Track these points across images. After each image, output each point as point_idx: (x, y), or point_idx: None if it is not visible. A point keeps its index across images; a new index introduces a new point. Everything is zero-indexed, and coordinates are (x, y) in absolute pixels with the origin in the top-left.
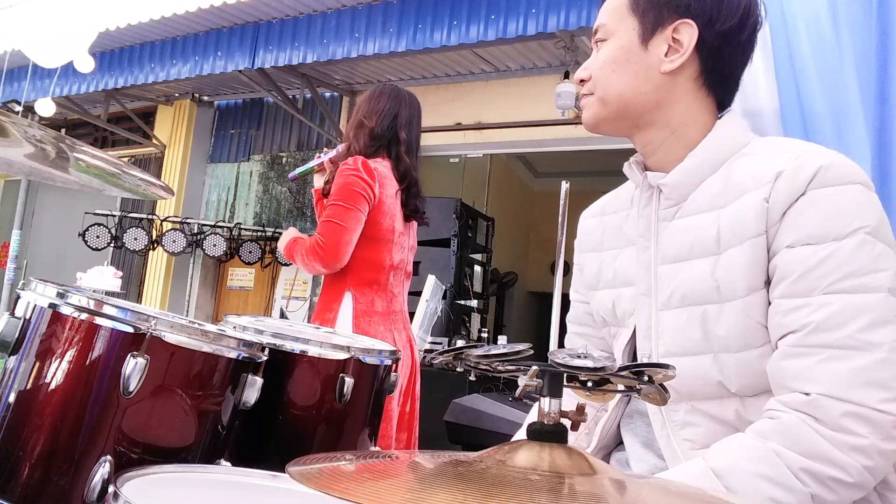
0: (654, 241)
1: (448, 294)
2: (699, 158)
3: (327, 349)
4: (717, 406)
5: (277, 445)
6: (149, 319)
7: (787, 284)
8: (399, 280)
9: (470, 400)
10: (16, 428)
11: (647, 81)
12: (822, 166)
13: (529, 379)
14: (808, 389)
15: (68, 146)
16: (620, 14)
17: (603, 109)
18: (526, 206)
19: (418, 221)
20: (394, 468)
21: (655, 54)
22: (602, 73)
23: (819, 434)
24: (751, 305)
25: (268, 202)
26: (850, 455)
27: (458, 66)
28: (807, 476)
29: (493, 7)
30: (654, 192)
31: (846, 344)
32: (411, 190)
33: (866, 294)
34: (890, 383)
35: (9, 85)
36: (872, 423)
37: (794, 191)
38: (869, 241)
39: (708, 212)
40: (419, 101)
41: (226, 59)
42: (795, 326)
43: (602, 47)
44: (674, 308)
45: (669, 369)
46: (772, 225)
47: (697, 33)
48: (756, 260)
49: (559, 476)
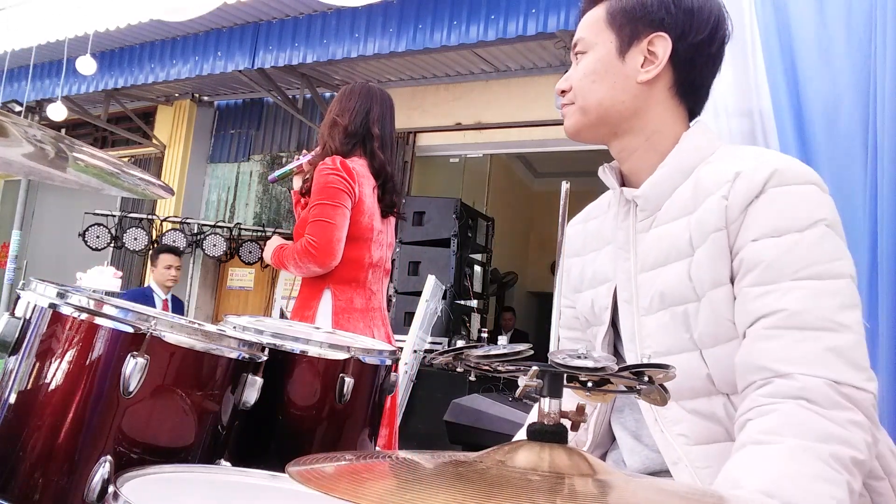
0: (633, 253)
1: (448, 294)
2: (669, 168)
3: (327, 349)
4: (706, 403)
5: (277, 445)
6: (149, 319)
7: (754, 275)
8: (378, 277)
9: (470, 400)
10: (16, 428)
11: (624, 91)
12: (778, 168)
13: (529, 379)
14: (786, 370)
15: (67, 146)
16: (598, 28)
17: (584, 118)
18: (526, 206)
19: (395, 217)
20: (394, 468)
21: (632, 65)
22: (582, 83)
23: (821, 416)
24: (715, 301)
25: (268, 202)
26: (854, 431)
27: (458, 66)
28: (836, 462)
29: (493, 7)
30: (631, 206)
31: (819, 325)
32: (387, 185)
33: (833, 280)
34: (862, 362)
35: (9, 85)
36: (856, 401)
37: (752, 190)
38: (829, 233)
39: (680, 218)
40: (391, 98)
41: (226, 59)
42: (766, 311)
43: (582, 59)
44: (656, 311)
45: (670, 369)
46: (731, 222)
47: (671, 45)
48: (717, 254)
49: (559, 476)
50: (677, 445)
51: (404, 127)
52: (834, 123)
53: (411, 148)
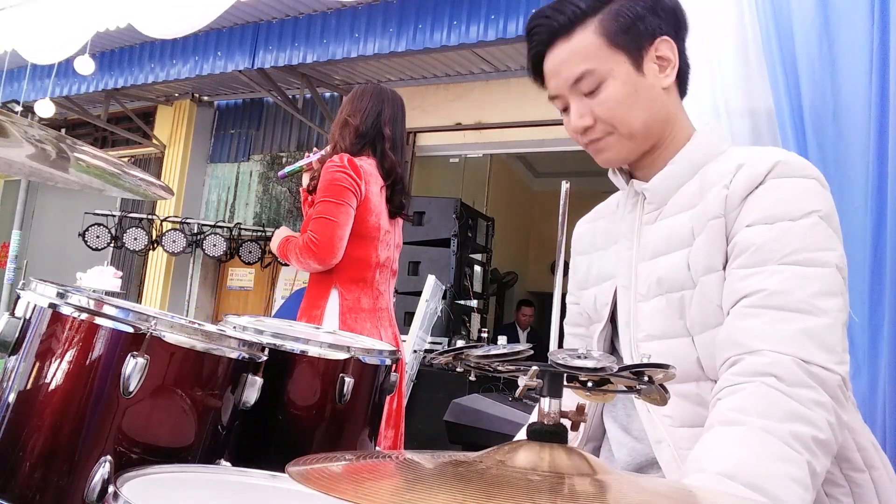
0: (636, 242)
1: (448, 294)
2: (679, 164)
3: (327, 349)
4: (695, 387)
5: (277, 445)
6: (149, 319)
7: (743, 258)
8: (385, 277)
9: (470, 400)
10: (16, 428)
11: (656, 102)
12: (780, 161)
13: (530, 379)
14: (758, 346)
15: (68, 146)
16: (603, 55)
17: (632, 143)
18: (526, 206)
19: (404, 218)
20: (394, 468)
21: (652, 76)
22: (618, 112)
23: (784, 394)
24: (706, 286)
25: (268, 202)
26: (816, 410)
27: (458, 66)
28: (797, 442)
29: (493, 7)
30: (640, 198)
31: (797, 307)
32: (396, 186)
33: (817, 267)
34: (835, 347)
35: (8, 85)
36: (822, 381)
37: (754, 180)
38: (821, 224)
39: (685, 211)
40: (402, 100)
41: (226, 59)
42: (748, 291)
43: (603, 89)
44: (652, 297)
45: (669, 369)
46: (730, 210)
47: (675, 45)
48: (713, 240)
49: (559, 476)
50: (662, 427)
51: None
52: (834, 123)
53: (411, 148)
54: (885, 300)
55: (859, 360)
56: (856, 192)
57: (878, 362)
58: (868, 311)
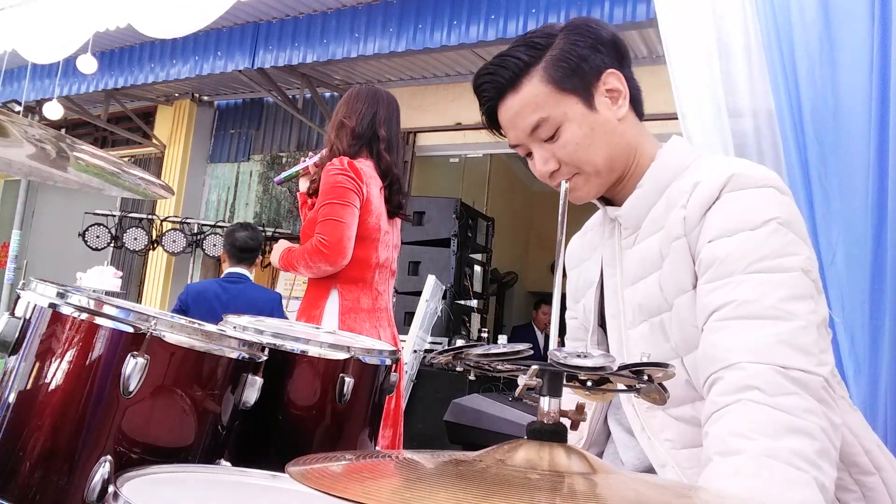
0: (619, 269)
1: (448, 294)
2: (645, 188)
3: (327, 349)
4: (690, 409)
5: (277, 445)
6: (149, 319)
7: (709, 273)
8: (384, 278)
9: (470, 400)
10: (16, 428)
11: (615, 135)
12: (735, 174)
13: (529, 378)
14: (735, 359)
15: (68, 146)
16: (553, 101)
17: (599, 179)
18: (526, 206)
19: (402, 218)
20: (394, 468)
21: (605, 111)
22: (578, 153)
23: (772, 407)
24: (681, 307)
25: (268, 202)
26: (807, 418)
27: (458, 66)
28: (800, 460)
29: (493, 7)
30: (616, 223)
31: (766, 314)
32: (394, 186)
33: (781, 273)
34: (811, 349)
35: (9, 85)
36: (804, 385)
37: (709, 197)
38: (781, 230)
39: (654, 234)
40: (397, 101)
41: (226, 59)
42: (717, 304)
43: (561, 134)
44: (639, 324)
45: (669, 368)
46: (690, 230)
47: (622, 73)
48: (679, 260)
49: (558, 475)
50: (664, 450)
51: (404, 127)
52: (835, 123)
53: (411, 148)
54: (885, 300)
55: (860, 360)
56: (856, 191)
57: (879, 362)
58: (869, 311)
